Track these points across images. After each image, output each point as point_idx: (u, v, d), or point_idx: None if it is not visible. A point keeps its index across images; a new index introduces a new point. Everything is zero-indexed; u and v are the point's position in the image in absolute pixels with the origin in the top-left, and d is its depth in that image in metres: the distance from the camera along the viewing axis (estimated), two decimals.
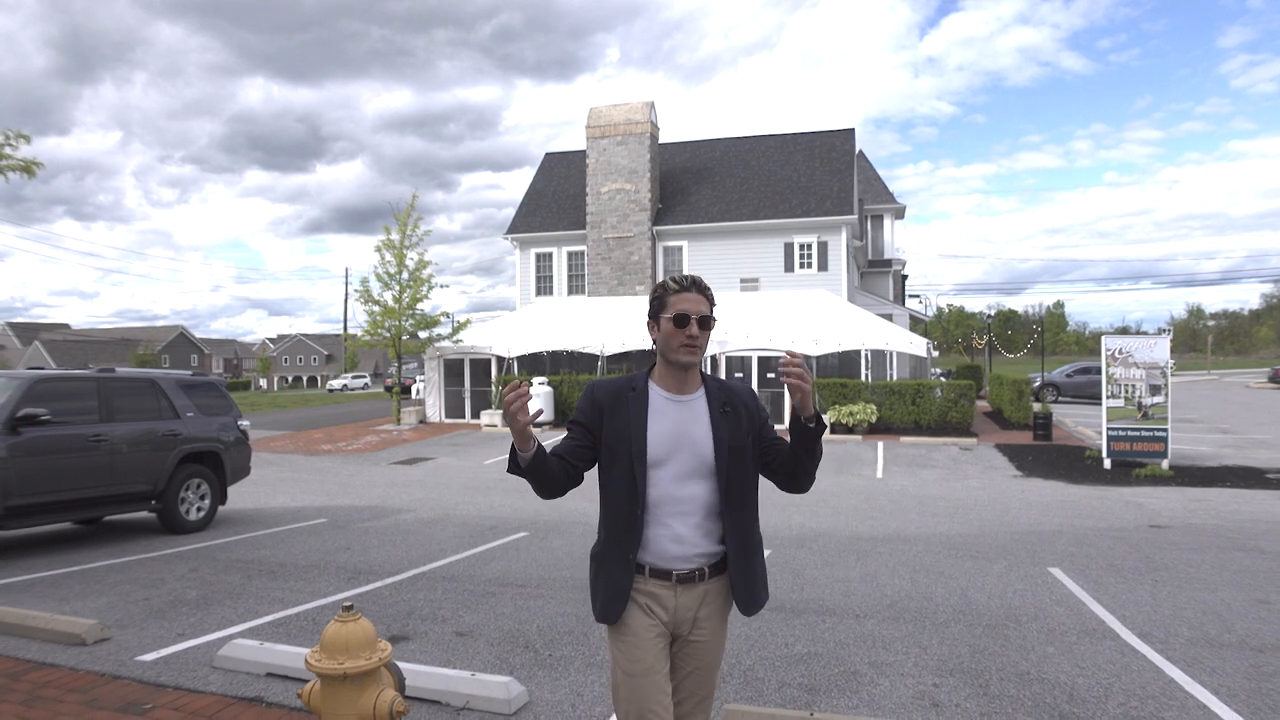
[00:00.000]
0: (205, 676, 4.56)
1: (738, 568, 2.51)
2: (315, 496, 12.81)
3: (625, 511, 2.47)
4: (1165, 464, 14.77)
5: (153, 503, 9.13)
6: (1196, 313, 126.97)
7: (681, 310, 2.48)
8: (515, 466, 2.46)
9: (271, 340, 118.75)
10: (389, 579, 7.11)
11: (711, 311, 2.54)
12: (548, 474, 2.48)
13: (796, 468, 2.55)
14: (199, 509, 9.62)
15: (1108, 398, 15.29)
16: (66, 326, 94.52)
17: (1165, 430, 14.95)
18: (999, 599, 6.50)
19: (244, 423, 10.49)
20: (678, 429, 2.49)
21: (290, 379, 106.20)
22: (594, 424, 2.54)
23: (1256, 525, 10.01)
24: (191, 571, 7.37)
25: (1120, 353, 15.30)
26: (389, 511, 11.11)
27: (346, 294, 52.47)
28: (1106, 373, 15.31)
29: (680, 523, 2.47)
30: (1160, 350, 15.24)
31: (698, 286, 2.52)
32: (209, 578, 7.12)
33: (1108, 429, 15.26)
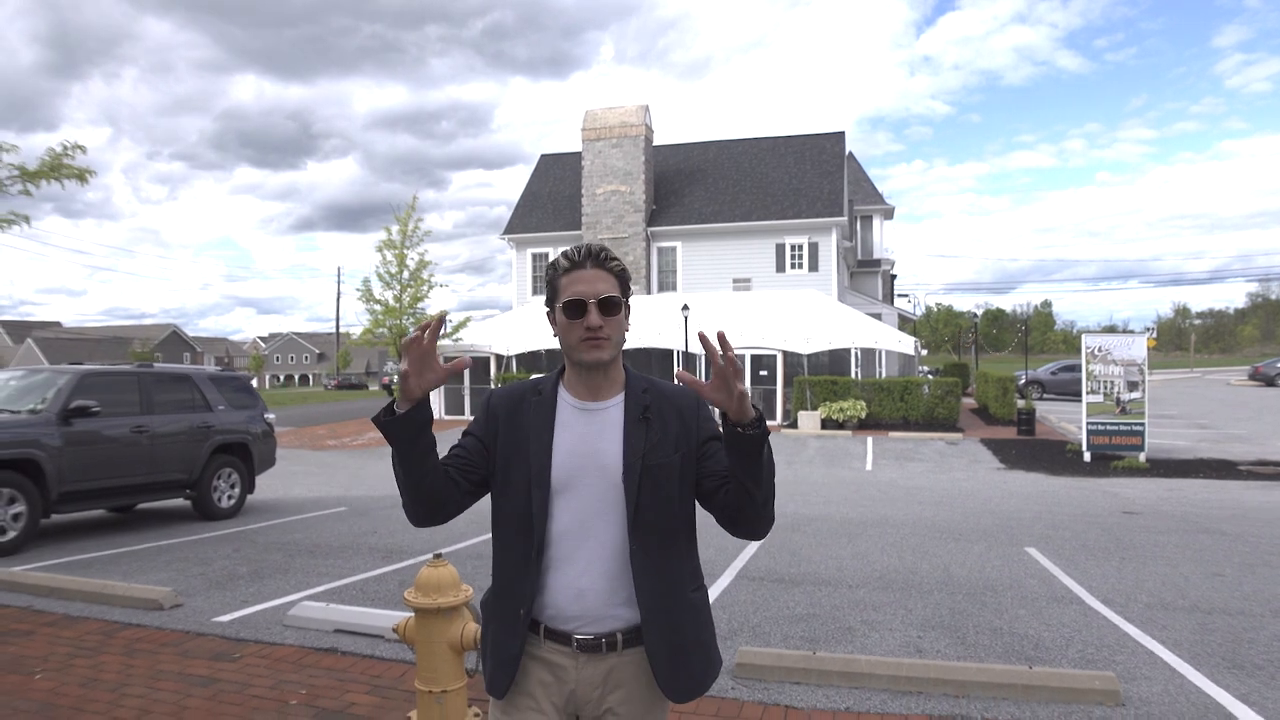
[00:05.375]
0: (280, 633, 5.17)
1: (654, 634, 1.86)
2: (330, 487, 13.39)
3: (518, 551, 1.90)
4: (1142, 457, 15.51)
5: (187, 491, 9.71)
6: (1182, 312, 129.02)
7: (575, 295, 1.85)
8: (389, 415, 1.76)
9: (263, 339, 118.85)
10: (421, 557, 7.70)
11: (621, 289, 1.90)
12: (424, 462, 1.82)
13: (739, 497, 1.81)
14: (230, 497, 10.20)
15: (1087, 393, 16.02)
16: (58, 324, 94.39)
17: (1142, 425, 15.69)
18: (978, 573, 7.16)
19: (270, 416, 11.07)
20: (583, 445, 1.90)
21: (282, 378, 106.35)
22: (488, 435, 1.96)
23: (1222, 511, 10.72)
24: (235, 551, 7.96)
25: (1099, 350, 16.04)
26: None
27: (339, 292, 53.01)
28: (1086, 369, 16.04)
29: (585, 572, 1.86)
30: (1138, 348, 16.00)
31: (594, 259, 1.88)
32: (253, 556, 7.71)
33: (1087, 423, 16.00)
